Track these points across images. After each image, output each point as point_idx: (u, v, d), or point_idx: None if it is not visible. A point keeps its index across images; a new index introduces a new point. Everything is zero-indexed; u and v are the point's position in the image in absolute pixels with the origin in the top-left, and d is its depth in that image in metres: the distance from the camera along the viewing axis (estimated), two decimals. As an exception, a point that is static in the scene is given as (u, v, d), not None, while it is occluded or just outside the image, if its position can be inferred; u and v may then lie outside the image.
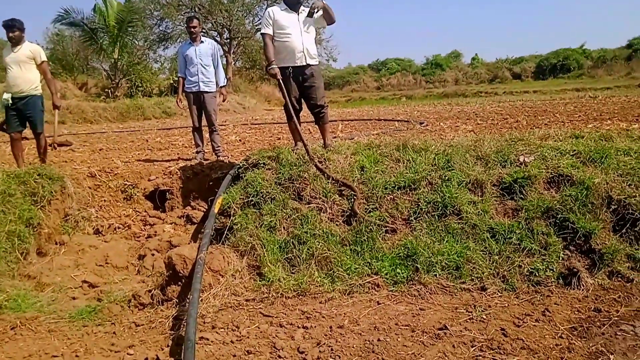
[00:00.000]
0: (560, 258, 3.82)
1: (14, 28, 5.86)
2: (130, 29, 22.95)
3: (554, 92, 24.12)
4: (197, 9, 28.74)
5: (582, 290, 3.59)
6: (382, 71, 44.30)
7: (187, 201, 5.71)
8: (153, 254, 4.71)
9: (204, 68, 6.79)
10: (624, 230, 3.93)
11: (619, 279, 3.66)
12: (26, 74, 5.91)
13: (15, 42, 5.90)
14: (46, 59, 6.10)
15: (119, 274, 4.59)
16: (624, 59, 35.05)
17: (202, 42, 6.92)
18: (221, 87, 6.91)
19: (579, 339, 3.02)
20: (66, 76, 25.95)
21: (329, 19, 5.23)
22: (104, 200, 5.73)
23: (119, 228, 5.41)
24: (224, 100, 7.08)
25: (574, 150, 4.65)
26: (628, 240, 3.88)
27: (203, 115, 6.97)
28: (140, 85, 23.27)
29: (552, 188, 4.33)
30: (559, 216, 4.03)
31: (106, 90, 22.62)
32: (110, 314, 3.72)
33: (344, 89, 41.75)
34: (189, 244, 4.69)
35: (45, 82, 6.16)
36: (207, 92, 6.79)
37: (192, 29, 6.86)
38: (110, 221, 5.48)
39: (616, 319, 3.23)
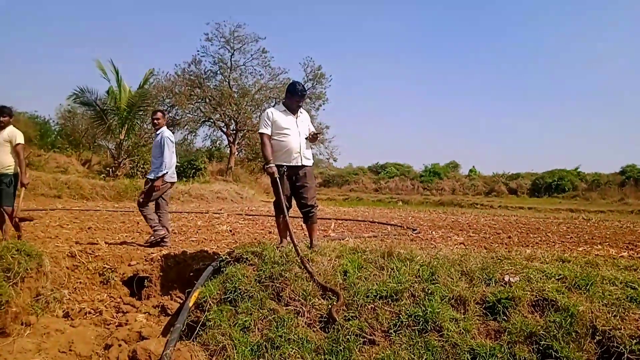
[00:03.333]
0: (543, 389, 3.64)
1: (4, 114, 6.36)
2: (140, 113, 23.76)
3: (548, 211, 24.42)
4: (207, 100, 29.89)
5: None
6: (381, 174, 45.17)
7: (165, 290, 5.55)
8: (120, 345, 4.48)
9: (154, 157, 6.98)
10: (609, 364, 3.78)
11: (605, 418, 3.46)
12: (2, 155, 6.31)
13: (2, 127, 6.35)
14: (22, 142, 6.42)
15: (81, 363, 4.35)
16: (617, 184, 35.90)
17: (157, 133, 7.11)
18: (155, 176, 6.86)
19: None
20: (72, 151, 26.47)
21: (312, 140, 5.46)
22: (80, 282, 5.56)
23: (89, 313, 5.21)
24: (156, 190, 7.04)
25: (560, 274, 4.59)
26: (613, 375, 3.72)
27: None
28: (142, 166, 23.63)
29: (537, 312, 4.22)
30: (542, 342, 3.89)
31: (108, 168, 22.95)
32: (62, 407, 3.48)
33: (343, 187, 42.34)
34: (158, 337, 4.49)
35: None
36: (151, 178, 6.92)
37: (155, 121, 7.13)
38: (82, 305, 5.28)
39: None
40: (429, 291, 4.42)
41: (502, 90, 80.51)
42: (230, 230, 9.64)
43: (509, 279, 4.57)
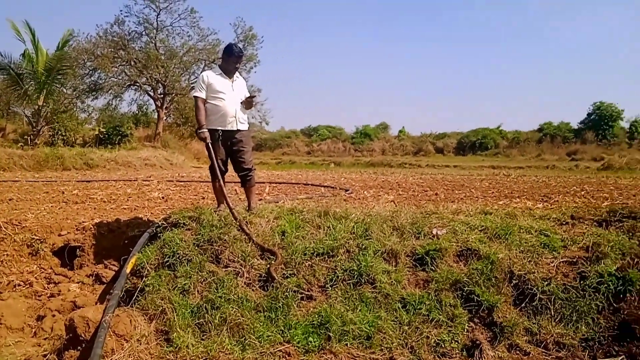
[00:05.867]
0: (465, 330, 3.98)
1: None
2: (59, 77, 22.34)
3: (472, 168, 25.61)
4: (133, 62, 28.52)
5: (484, 362, 3.73)
6: (314, 137, 45.39)
7: (99, 259, 5.44)
8: (54, 315, 4.42)
9: None
10: (523, 305, 4.17)
11: (517, 352, 3.85)
12: None
13: None
14: None
15: (13, 335, 4.24)
16: (535, 141, 38.21)
17: None
18: None
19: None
20: (-18, 119, 24.61)
21: (248, 107, 5.41)
22: (7, 255, 5.33)
23: (19, 285, 5.04)
24: None
25: (482, 225, 4.95)
26: (527, 314, 4.12)
27: None
28: (63, 134, 22.39)
29: (461, 261, 4.56)
30: (466, 289, 4.23)
31: (26, 136, 21.55)
32: (-3, 380, 3.42)
33: (275, 151, 42.25)
34: (95, 305, 4.45)
35: None
36: None
37: None
38: (10, 277, 5.09)
39: (514, 391, 3.36)
40: (363, 246, 4.63)
41: (429, 50, 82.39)
42: (163, 197, 9.46)
43: (437, 232, 4.87)
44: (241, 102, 5.32)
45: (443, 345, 3.84)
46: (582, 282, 4.23)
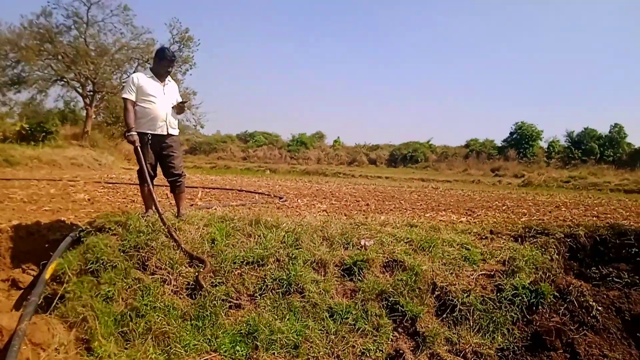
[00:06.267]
0: (390, 339, 4.12)
1: None
2: (-23, 67, 20.97)
3: (402, 180, 26.35)
4: (60, 57, 27.23)
5: (406, 371, 3.87)
6: (250, 142, 45.13)
7: (16, 263, 5.14)
8: (-37, 323, 4.14)
9: None
10: (444, 315, 4.37)
11: (438, 361, 4.02)
12: None
13: None
14: None
15: None
16: (462, 156, 39.96)
17: None
18: None
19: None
20: None
21: (179, 112, 5.35)
22: None
23: None
24: None
25: (408, 238, 5.15)
26: (447, 324, 4.31)
27: None
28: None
29: (387, 272, 4.71)
30: (391, 299, 4.38)
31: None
32: None
33: (210, 155, 41.60)
34: (10, 312, 4.21)
35: None
36: None
37: None
38: None
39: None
40: (293, 256, 4.69)
41: (364, 63, 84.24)
42: (89, 199, 9.09)
43: (365, 243, 5.01)
44: (172, 107, 5.25)
45: (368, 354, 3.95)
46: (498, 294, 4.49)
